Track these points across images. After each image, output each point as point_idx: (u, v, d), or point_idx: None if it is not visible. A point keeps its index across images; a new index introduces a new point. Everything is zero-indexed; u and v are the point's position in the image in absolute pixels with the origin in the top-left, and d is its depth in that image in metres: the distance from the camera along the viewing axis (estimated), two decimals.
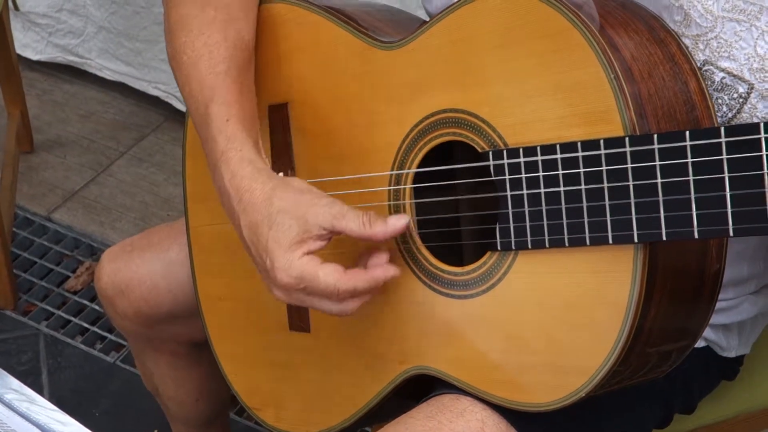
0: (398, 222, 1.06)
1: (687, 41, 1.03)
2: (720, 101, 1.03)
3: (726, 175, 0.90)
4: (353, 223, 1.05)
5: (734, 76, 1.02)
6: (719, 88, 1.03)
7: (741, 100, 1.02)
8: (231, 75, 1.14)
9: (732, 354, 1.26)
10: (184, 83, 1.17)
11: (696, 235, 0.92)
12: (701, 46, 1.03)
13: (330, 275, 1.04)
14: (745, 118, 1.02)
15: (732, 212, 0.90)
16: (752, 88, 1.01)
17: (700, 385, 1.27)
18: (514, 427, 1.09)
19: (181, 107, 2.56)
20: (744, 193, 0.89)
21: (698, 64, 1.02)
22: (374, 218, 1.05)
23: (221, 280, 1.32)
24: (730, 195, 0.90)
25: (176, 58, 1.17)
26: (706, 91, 1.01)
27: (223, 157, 1.10)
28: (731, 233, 0.90)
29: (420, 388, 1.16)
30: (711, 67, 1.02)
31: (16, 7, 2.26)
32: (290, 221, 1.05)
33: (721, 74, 1.02)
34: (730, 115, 1.03)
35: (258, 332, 1.29)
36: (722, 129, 0.90)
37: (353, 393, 1.19)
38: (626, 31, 1.00)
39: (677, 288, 1.00)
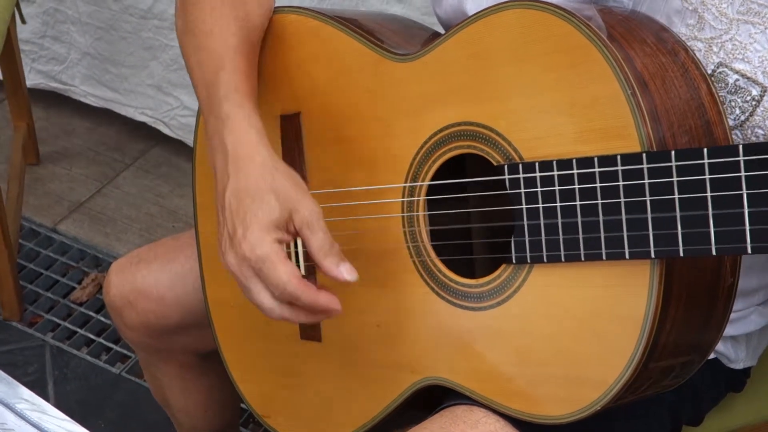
0: (345, 274, 1.06)
1: (700, 44, 1.04)
2: (733, 104, 1.03)
3: (744, 192, 0.90)
4: (316, 242, 1.06)
5: (748, 78, 1.02)
6: (733, 90, 1.03)
7: (754, 102, 1.03)
8: (241, 50, 1.16)
9: (739, 366, 1.26)
10: (192, 53, 1.18)
11: (714, 252, 0.92)
12: (715, 49, 1.03)
13: (287, 273, 1.05)
14: (757, 121, 1.03)
15: (750, 230, 0.90)
16: (765, 91, 1.02)
17: (708, 396, 1.28)
18: None
19: (170, 133, 2.53)
20: (763, 210, 0.89)
21: (713, 67, 1.03)
22: (333, 253, 1.06)
23: (231, 288, 1.32)
24: (749, 212, 0.90)
25: (186, 31, 1.19)
26: (717, 98, 1.01)
27: (228, 120, 1.11)
28: (749, 251, 0.90)
29: (432, 398, 1.16)
30: (725, 69, 1.03)
31: (23, 21, 2.27)
32: (276, 204, 1.06)
33: (735, 76, 1.03)
34: (743, 118, 1.03)
35: (268, 340, 1.29)
36: (740, 147, 0.90)
37: (365, 402, 1.20)
38: (638, 42, 1.01)
39: (692, 303, 1.01)
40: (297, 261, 1.23)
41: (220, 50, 1.15)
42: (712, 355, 1.24)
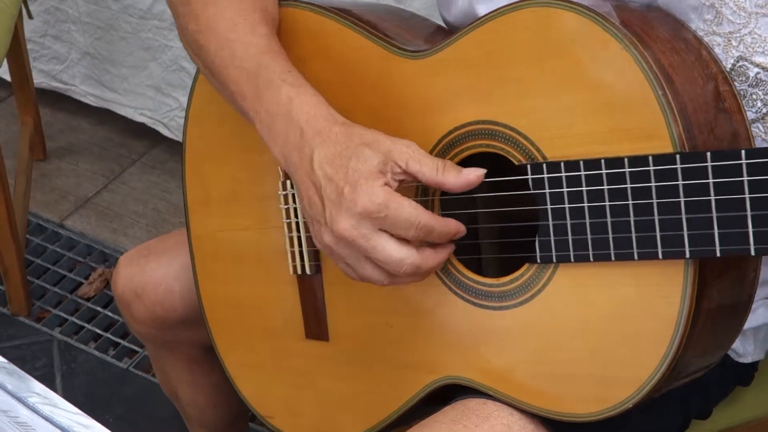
0: (471, 173, 1.03)
1: (719, 39, 1.04)
2: (755, 96, 1.03)
3: None
4: (427, 167, 1.03)
5: None
6: (754, 83, 1.03)
7: None
8: (274, 38, 1.13)
9: (747, 360, 1.26)
10: (217, 51, 1.13)
11: (753, 252, 0.92)
12: (734, 43, 1.03)
13: (414, 206, 1.02)
14: None
15: None
16: None
17: (716, 390, 1.27)
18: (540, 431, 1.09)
19: (169, 134, 2.52)
20: None
21: (732, 61, 1.02)
22: (449, 166, 1.03)
23: (226, 288, 1.31)
24: None
25: (203, 30, 1.15)
26: (737, 95, 1.01)
27: (293, 102, 1.07)
28: None
29: (446, 394, 1.15)
30: (745, 63, 1.03)
31: (30, 16, 2.27)
32: (371, 152, 1.03)
33: (756, 69, 1.03)
34: (765, 110, 1.03)
35: (269, 339, 1.28)
36: None
37: (378, 402, 1.19)
38: (657, 38, 1.00)
39: (722, 297, 1.01)
40: (302, 259, 1.23)
41: (252, 39, 1.12)
42: None
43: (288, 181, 1.21)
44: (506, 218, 1.15)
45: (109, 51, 2.51)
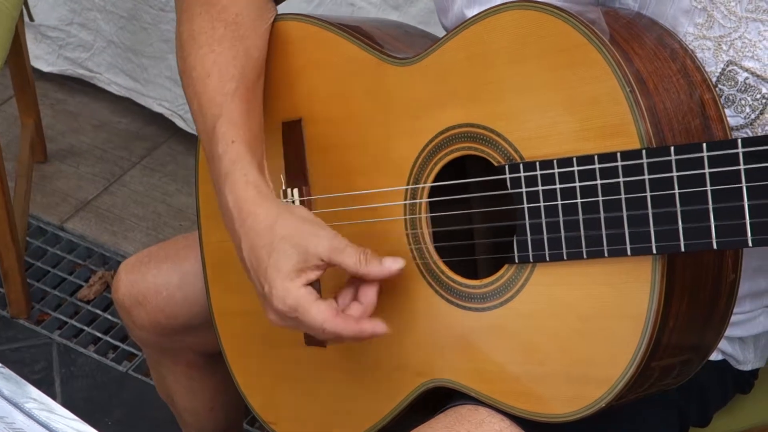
0: (393, 265, 1.09)
1: (709, 43, 1.04)
2: (743, 102, 1.04)
3: (744, 185, 0.90)
4: (350, 258, 1.08)
5: (758, 76, 1.02)
6: (743, 88, 1.03)
7: (764, 101, 1.03)
8: (239, 94, 1.16)
9: (747, 367, 1.26)
10: (192, 99, 1.19)
11: (715, 246, 0.92)
12: (724, 47, 1.03)
13: (320, 314, 1.07)
14: (767, 119, 1.03)
15: (751, 223, 0.90)
16: None
17: (715, 397, 1.27)
18: None
19: (185, 126, 2.54)
20: (763, 203, 0.89)
21: (722, 65, 1.03)
22: (371, 257, 1.08)
23: (235, 296, 1.32)
24: (749, 205, 0.90)
25: (186, 73, 1.20)
26: (719, 102, 1.02)
27: (227, 179, 1.12)
28: (750, 244, 0.90)
29: (434, 402, 1.16)
30: (735, 68, 1.03)
31: (31, 18, 2.27)
32: (291, 249, 1.07)
33: (745, 74, 1.03)
34: (753, 116, 1.04)
35: (273, 347, 1.29)
36: (739, 140, 0.90)
37: (371, 406, 1.20)
38: (638, 44, 1.01)
39: (695, 298, 1.01)
40: None
41: (216, 99, 1.16)
42: (720, 356, 1.24)
43: (289, 190, 1.23)
44: (488, 219, 1.16)
45: (131, 41, 2.53)
